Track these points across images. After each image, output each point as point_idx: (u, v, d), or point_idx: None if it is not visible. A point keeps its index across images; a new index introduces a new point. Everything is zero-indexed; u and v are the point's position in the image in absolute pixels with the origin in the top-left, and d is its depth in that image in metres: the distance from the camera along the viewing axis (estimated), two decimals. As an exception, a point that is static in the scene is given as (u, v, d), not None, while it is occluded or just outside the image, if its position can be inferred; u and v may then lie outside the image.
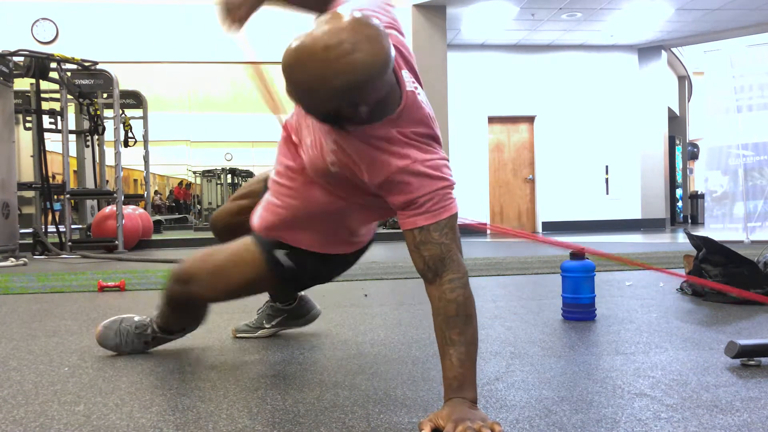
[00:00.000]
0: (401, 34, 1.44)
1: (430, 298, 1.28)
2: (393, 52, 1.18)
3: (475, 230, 10.26)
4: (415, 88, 1.34)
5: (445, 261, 1.26)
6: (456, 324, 1.23)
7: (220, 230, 1.90)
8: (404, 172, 1.28)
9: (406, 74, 1.33)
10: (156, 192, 18.02)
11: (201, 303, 1.76)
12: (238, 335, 2.09)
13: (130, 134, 8.03)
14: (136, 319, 1.86)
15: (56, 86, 7.08)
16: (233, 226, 1.85)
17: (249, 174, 16.49)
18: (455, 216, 1.32)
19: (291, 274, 1.60)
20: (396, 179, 1.28)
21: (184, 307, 1.76)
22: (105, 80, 7.37)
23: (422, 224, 1.28)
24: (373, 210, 1.50)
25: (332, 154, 1.35)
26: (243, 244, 1.63)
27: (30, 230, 6.91)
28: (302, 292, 2.10)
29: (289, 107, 1.60)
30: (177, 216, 15.78)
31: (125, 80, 8.10)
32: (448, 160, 1.35)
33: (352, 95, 1.14)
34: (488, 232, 10.61)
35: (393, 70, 1.26)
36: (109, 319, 1.86)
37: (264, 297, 2.19)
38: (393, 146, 1.28)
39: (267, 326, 2.10)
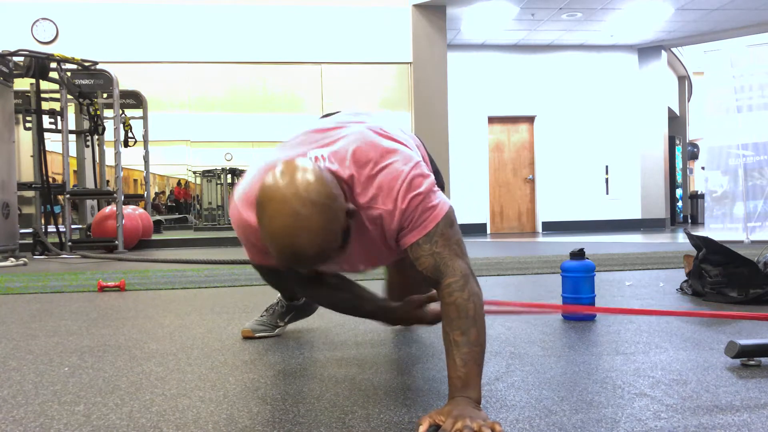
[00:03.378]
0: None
1: (440, 305, 1.32)
2: (321, 164, 1.27)
3: (475, 230, 10.27)
4: (327, 148, 1.35)
5: (440, 269, 1.30)
6: (457, 325, 1.24)
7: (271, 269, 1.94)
8: (391, 230, 1.33)
9: (313, 152, 1.35)
10: (156, 193, 18.03)
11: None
12: (258, 335, 2.10)
13: (130, 134, 8.03)
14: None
15: (56, 86, 7.08)
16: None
17: (249, 174, 16.44)
18: (446, 219, 1.32)
19: None
20: (391, 234, 1.34)
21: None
22: (105, 80, 7.38)
23: (412, 241, 1.32)
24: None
25: (359, 264, 1.50)
26: None
27: (30, 230, 6.91)
28: None
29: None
30: (177, 216, 15.77)
31: (125, 80, 8.10)
32: (411, 161, 1.33)
33: (341, 211, 1.19)
34: (488, 231, 10.62)
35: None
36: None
37: (273, 296, 2.20)
38: (368, 211, 1.32)
39: (281, 324, 2.14)
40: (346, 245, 1.29)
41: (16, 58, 6.40)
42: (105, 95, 8.15)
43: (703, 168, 7.70)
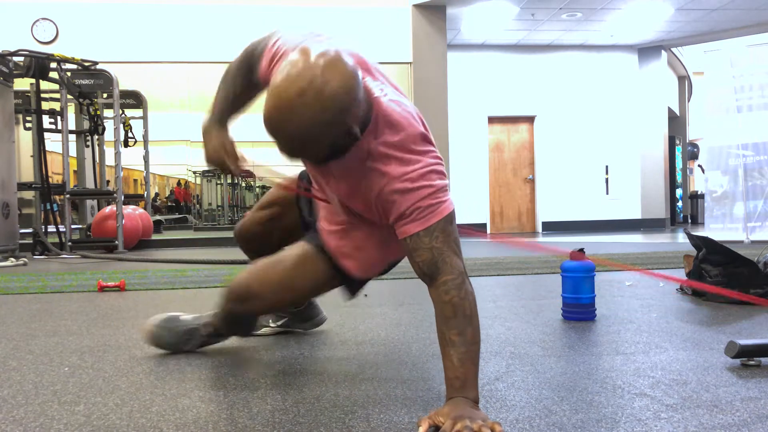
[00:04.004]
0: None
1: (432, 302, 1.31)
2: (356, 64, 1.21)
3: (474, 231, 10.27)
4: (382, 91, 1.34)
5: (438, 264, 1.28)
6: (454, 325, 1.24)
7: (250, 240, 1.87)
8: (385, 192, 1.30)
9: (370, 81, 1.34)
10: (157, 194, 18.03)
11: (258, 315, 1.78)
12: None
13: (130, 134, 8.03)
14: (186, 318, 1.85)
15: (56, 86, 7.08)
16: (263, 234, 1.83)
17: (249, 174, 16.45)
18: (448, 217, 1.31)
19: (357, 279, 1.63)
20: (380, 202, 1.32)
21: (239, 321, 1.76)
22: (105, 80, 7.37)
23: (413, 232, 1.30)
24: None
25: (337, 193, 1.43)
26: (302, 253, 1.60)
27: (30, 230, 6.91)
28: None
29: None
30: (177, 216, 15.77)
31: (125, 80, 8.09)
32: (437, 161, 1.33)
33: (344, 122, 1.17)
34: (488, 231, 10.61)
35: None
36: (158, 318, 1.84)
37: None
38: (375, 163, 1.30)
39: (272, 325, 2.11)
40: (325, 160, 1.27)
41: (16, 58, 6.40)
42: (105, 95, 8.14)
43: (700, 166, 7.70)
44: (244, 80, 1.59)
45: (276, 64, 1.46)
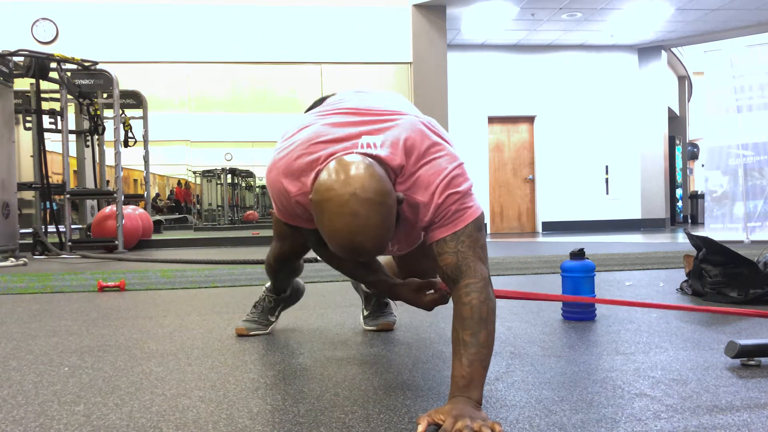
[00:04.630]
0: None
1: (453, 303, 1.32)
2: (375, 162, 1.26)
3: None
4: (378, 144, 1.33)
5: (461, 268, 1.30)
6: (469, 325, 1.25)
7: (277, 270, 2.01)
8: (419, 210, 1.34)
9: (367, 139, 1.33)
10: (157, 194, 18.02)
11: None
12: (253, 333, 2.11)
13: (130, 134, 8.03)
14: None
15: (56, 86, 7.08)
16: (288, 262, 1.96)
17: (249, 174, 16.47)
18: (475, 222, 1.33)
19: None
20: (417, 220, 1.36)
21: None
22: (105, 80, 7.38)
23: (439, 237, 1.33)
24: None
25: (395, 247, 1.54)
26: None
27: (30, 230, 6.91)
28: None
29: None
30: (177, 216, 15.77)
31: (125, 80, 8.10)
32: (456, 163, 1.35)
33: (393, 201, 1.21)
34: (488, 231, 10.61)
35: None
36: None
37: (257, 293, 2.20)
38: (407, 208, 1.34)
39: (272, 319, 2.17)
40: (397, 230, 1.32)
41: (16, 58, 6.40)
42: (105, 95, 8.14)
43: (703, 165, 7.70)
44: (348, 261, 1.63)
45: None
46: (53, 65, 6.68)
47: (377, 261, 1.64)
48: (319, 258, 1.69)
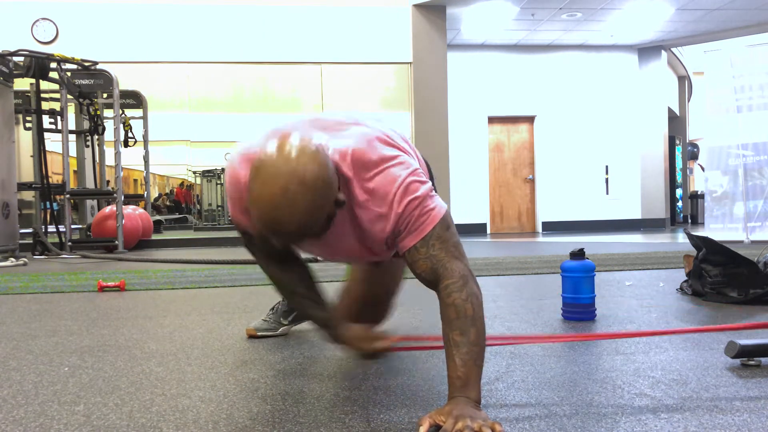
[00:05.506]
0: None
1: (439, 306, 1.32)
2: (313, 136, 1.25)
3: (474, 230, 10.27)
4: (327, 141, 1.33)
5: (437, 271, 1.30)
6: (457, 326, 1.24)
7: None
8: (380, 222, 1.32)
9: (316, 136, 1.33)
10: (159, 194, 18.03)
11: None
12: (261, 334, 2.10)
13: (130, 134, 8.03)
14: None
15: (56, 86, 7.08)
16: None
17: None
18: (442, 223, 1.32)
19: None
20: (375, 232, 1.34)
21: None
22: (105, 80, 7.38)
23: (410, 245, 1.32)
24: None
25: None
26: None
27: (30, 230, 6.91)
28: None
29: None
30: (177, 216, 15.77)
31: (125, 80, 8.09)
32: (410, 168, 1.32)
33: (331, 195, 1.19)
34: (488, 231, 10.62)
35: None
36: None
37: (277, 297, 2.20)
38: (363, 209, 1.32)
39: (285, 323, 2.14)
40: (325, 231, 1.28)
41: (16, 58, 6.40)
42: (105, 95, 8.14)
43: (700, 165, 7.70)
44: (282, 264, 1.55)
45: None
46: (53, 65, 6.68)
47: (324, 296, 1.55)
48: (319, 258, 1.68)
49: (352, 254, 1.48)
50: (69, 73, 7.04)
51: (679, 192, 13.53)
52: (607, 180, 10.92)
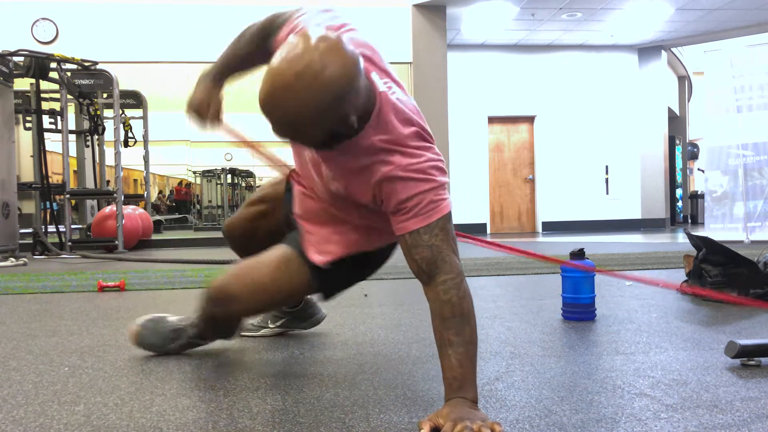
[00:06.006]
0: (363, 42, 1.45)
1: (428, 300, 1.30)
2: (358, 53, 1.19)
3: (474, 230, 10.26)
4: (389, 87, 1.33)
5: (437, 263, 1.27)
6: (452, 325, 1.24)
7: (237, 236, 1.86)
8: (388, 179, 1.28)
9: (375, 76, 1.32)
10: (160, 192, 18.02)
11: (239, 317, 1.73)
12: (243, 334, 2.09)
13: (130, 134, 8.03)
14: (172, 319, 1.84)
15: (56, 86, 7.08)
16: (249, 231, 1.82)
17: (249, 174, 16.46)
18: (447, 216, 1.30)
19: (330, 281, 1.60)
20: (383, 188, 1.29)
21: (221, 323, 1.72)
22: (105, 80, 7.38)
23: (412, 228, 1.28)
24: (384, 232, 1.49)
25: (333, 182, 1.38)
26: (282, 256, 1.58)
27: (30, 230, 6.91)
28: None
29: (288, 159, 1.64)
30: (177, 216, 15.78)
31: (125, 80, 8.09)
32: (439, 158, 1.32)
33: (339, 109, 1.14)
34: (488, 232, 10.62)
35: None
36: (144, 318, 1.82)
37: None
38: (376, 156, 1.28)
39: (271, 326, 2.10)
40: (321, 148, 1.26)
41: (16, 58, 6.40)
42: (105, 95, 8.14)
43: (700, 169, 7.70)
44: (258, 44, 1.58)
45: None
46: (53, 65, 6.68)
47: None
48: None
49: (349, 185, 1.37)
50: (69, 73, 7.04)
51: (679, 192, 13.53)
52: (607, 180, 10.92)
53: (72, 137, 7.74)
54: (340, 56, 1.12)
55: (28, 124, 7.53)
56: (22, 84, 7.09)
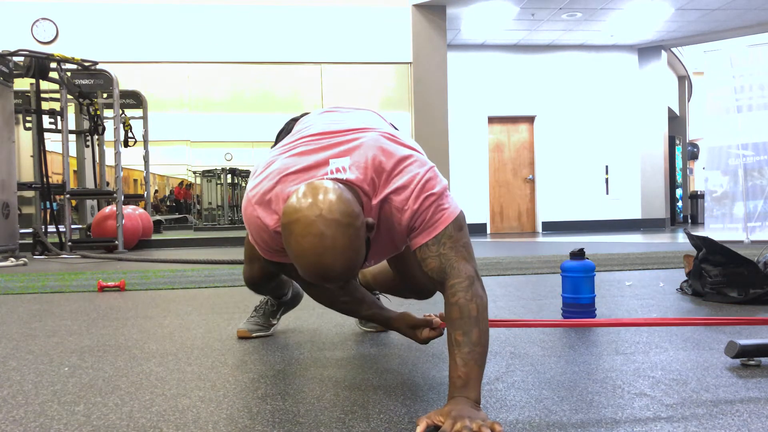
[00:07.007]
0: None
1: (444, 306, 1.33)
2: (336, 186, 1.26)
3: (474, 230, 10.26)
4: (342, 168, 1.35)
5: (445, 270, 1.31)
6: (459, 326, 1.25)
7: (259, 285, 1.94)
8: (403, 223, 1.34)
9: (335, 163, 1.34)
10: (156, 191, 17.99)
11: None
12: (255, 335, 2.11)
13: (130, 134, 8.03)
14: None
15: (56, 86, 7.09)
16: (266, 277, 1.91)
17: (249, 174, 16.46)
18: (455, 223, 1.33)
19: None
20: (404, 230, 1.36)
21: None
22: (105, 80, 7.38)
23: (421, 243, 1.33)
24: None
25: (366, 263, 1.55)
26: None
27: (30, 230, 6.91)
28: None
29: None
30: (177, 216, 15.78)
31: (125, 80, 8.10)
32: (425, 167, 1.34)
33: (362, 223, 1.21)
34: (488, 231, 10.62)
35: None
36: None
37: (259, 297, 2.20)
38: (392, 218, 1.34)
39: (275, 322, 2.17)
40: (367, 254, 1.31)
41: (16, 58, 6.40)
42: (105, 95, 8.15)
43: (703, 168, 7.70)
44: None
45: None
46: (53, 65, 6.69)
47: (365, 294, 1.66)
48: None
49: (380, 254, 1.51)
50: (69, 73, 7.05)
51: (679, 192, 13.53)
52: (607, 180, 10.92)
53: (72, 137, 7.75)
54: (329, 192, 1.19)
55: (28, 124, 7.53)
56: (22, 84, 7.10)
